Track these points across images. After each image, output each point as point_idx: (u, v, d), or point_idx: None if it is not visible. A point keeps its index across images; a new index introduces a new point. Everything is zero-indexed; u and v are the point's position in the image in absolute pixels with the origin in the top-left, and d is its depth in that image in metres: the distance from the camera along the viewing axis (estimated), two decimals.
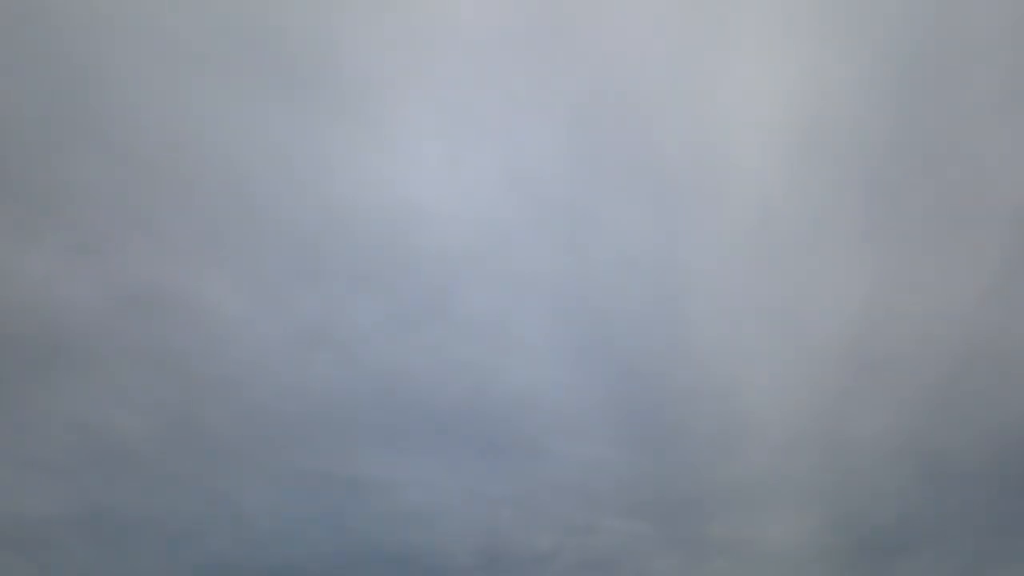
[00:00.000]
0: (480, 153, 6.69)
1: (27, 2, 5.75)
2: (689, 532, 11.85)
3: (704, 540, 11.88)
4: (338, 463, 9.88)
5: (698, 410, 9.71)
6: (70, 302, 7.27)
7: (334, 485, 10.29)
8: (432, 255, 7.31)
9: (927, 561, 13.29)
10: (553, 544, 12.97)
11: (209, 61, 6.29)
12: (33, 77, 6.05)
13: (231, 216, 6.86)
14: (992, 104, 6.85)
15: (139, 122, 6.38)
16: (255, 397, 8.46)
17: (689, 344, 8.58)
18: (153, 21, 5.91)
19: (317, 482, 10.21)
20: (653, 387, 9.16)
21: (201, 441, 9.18)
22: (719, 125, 7.00)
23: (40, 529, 9.89)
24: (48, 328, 7.52)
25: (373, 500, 10.86)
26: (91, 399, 8.29)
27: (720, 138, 7.05)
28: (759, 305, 8.16)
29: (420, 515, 11.50)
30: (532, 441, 10.14)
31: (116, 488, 9.66)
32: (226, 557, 11.53)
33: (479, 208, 7.04)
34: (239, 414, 8.73)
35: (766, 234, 7.57)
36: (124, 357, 7.87)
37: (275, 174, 6.70)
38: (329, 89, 6.44)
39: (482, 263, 7.49)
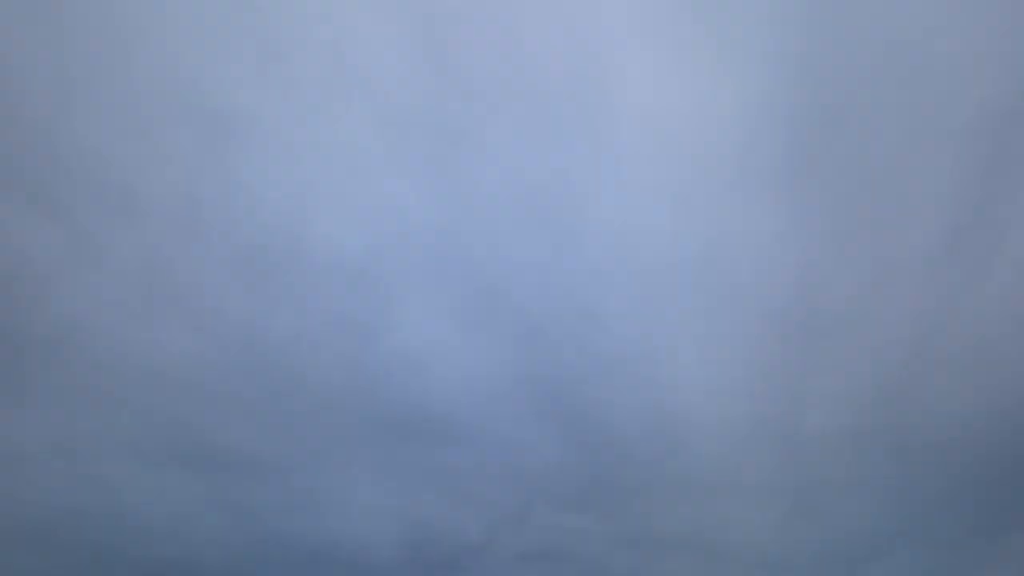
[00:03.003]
0: (305, 51, 5.42)
1: None
2: (628, 521, 10.62)
3: (640, 528, 10.66)
4: (209, 438, 8.67)
5: (621, 384, 8.43)
6: None
7: (213, 465, 9.10)
8: (268, 181, 6.05)
9: (899, 559, 12.01)
10: (484, 534, 11.76)
11: None
12: None
13: (5, 138, 5.62)
14: None
15: None
16: (88, 364, 7.25)
17: (599, 299, 7.31)
18: None
19: (192, 461, 9.01)
20: (565, 351, 7.90)
21: (45, 413, 7.99)
22: (603, 29, 5.69)
23: None
24: None
25: (265, 484, 9.66)
26: None
27: (605, 44, 5.74)
28: (673, 251, 6.88)
29: (325, 501, 10.29)
30: (437, 416, 8.90)
31: None
32: (110, 550, 10.36)
33: (317, 121, 5.78)
34: (78, 384, 7.52)
35: (672, 162, 6.28)
36: None
37: (55, 84, 5.46)
38: None
39: (334, 191, 6.23)
